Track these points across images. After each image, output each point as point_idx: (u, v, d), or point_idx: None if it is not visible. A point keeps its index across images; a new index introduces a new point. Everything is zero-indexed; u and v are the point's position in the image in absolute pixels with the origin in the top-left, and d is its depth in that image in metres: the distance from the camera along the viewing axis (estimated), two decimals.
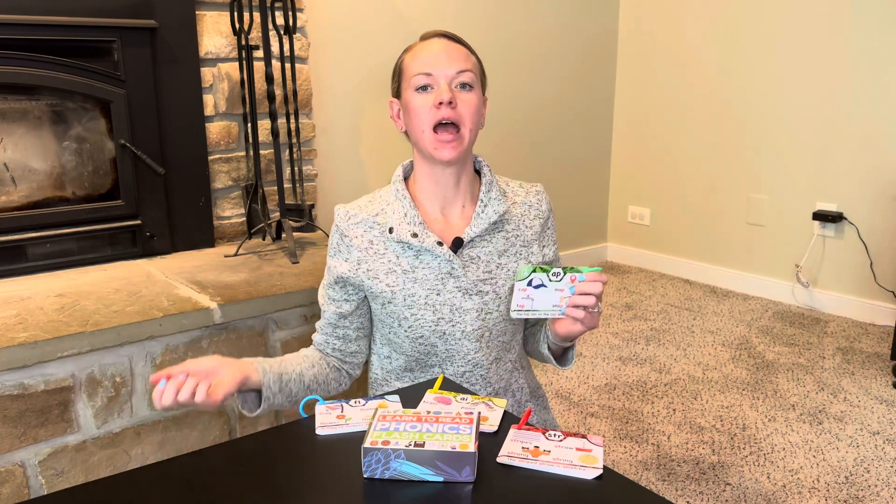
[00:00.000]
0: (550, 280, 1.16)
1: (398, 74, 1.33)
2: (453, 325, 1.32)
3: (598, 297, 1.17)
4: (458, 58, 1.28)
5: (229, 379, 1.18)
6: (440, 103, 1.25)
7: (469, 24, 3.32)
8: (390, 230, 1.31)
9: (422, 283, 1.31)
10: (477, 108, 1.29)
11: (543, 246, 1.40)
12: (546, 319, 1.40)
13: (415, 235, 1.30)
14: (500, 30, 3.46)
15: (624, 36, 3.97)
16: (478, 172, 1.40)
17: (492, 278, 1.33)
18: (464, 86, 1.28)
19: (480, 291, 1.32)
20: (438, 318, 1.32)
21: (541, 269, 1.15)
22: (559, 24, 3.69)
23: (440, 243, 1.30)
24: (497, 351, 1.38)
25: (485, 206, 1.34)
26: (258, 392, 1.28)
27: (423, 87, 1.27)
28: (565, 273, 1.16)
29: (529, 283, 1.15)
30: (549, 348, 1.37)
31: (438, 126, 1.27)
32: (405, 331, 1.34)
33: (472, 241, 1.33)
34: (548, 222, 1.42)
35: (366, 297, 1.38)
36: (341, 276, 1.35)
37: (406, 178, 1.39)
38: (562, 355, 1.40)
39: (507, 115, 3.58)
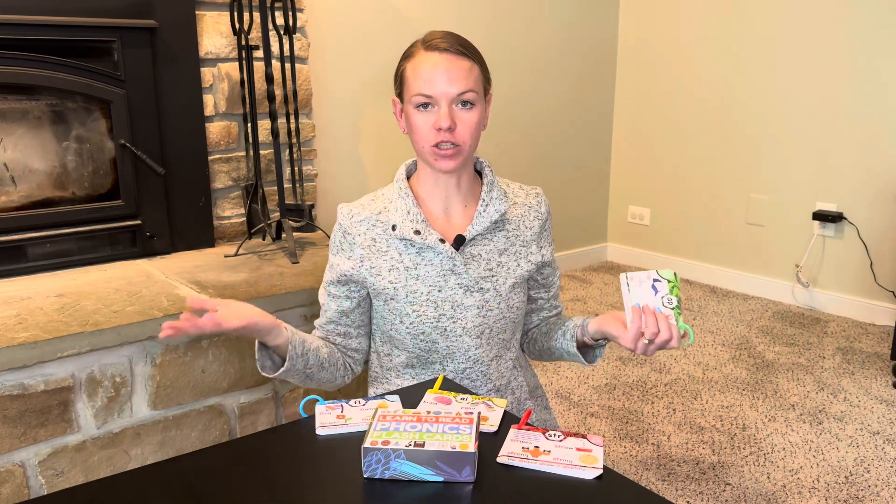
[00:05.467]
0: (660, 297, 1.16)
1: (400, 81, 1.33)
2: (454, 322, 1.33)
3: (654, 339, 1.17)
4: (459, 77, 1.26)
5: (245, 313, 1.18)
6: (440, 129, 1.25)
7: (471, 26, 3.32)
8: (393, 227, 1.33)
9: (424, 280, 1.32)
10: (478, 124, 1.29)
11: (541, 247, 1.42)
12: (571, 320, 1.41)
13: (417, 233, 1.31)
14: (503, 30, 3.46)
15: (624, 37, 3.96)
16: (479, 173, 1.41)
17: (492, 276, 1.34)
18: (465, 104, 1.27)
19: (481, 289, 1.33)
20: (440, 315, 1.33)
21: (675, 287, 1.16)
22: (561, 25, 3.69)
23: (442, 240, 1.31)
24: (497, 348, 1.38)
25: (486, 205, 1.35)
26: (277, 357, 1.31)
27: (424, 105, 1.27)
28: (677, 314, 1.16)
29: (655, 280, 1.17)
30: (578, 344, 1.37)
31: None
32: (406, 327, 1.34)
33: (473, 239, 1.35)
34: (546, 224, 1.43)
35: (367, 294, 1.39)
36: (344, 274, 1.36)
37: (409, 177, 1.40)
38: (587, 352, 1.40)
39: (508, 117, 3.58)
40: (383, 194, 1.39)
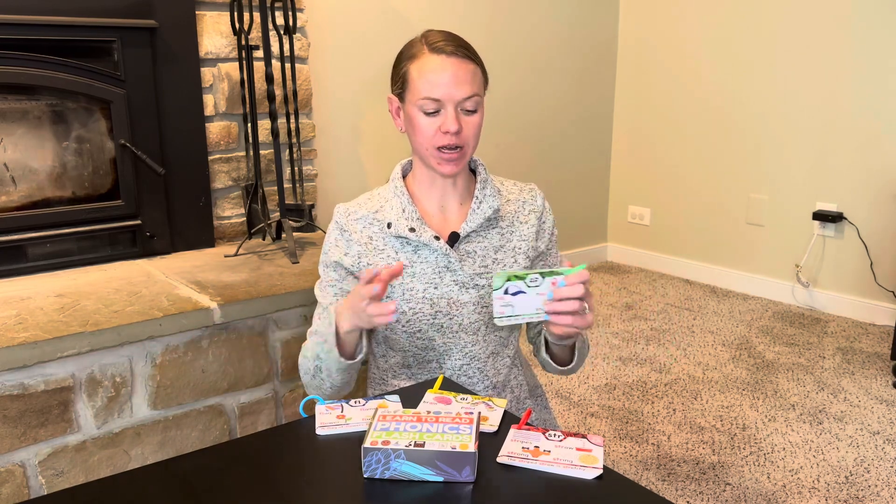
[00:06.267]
0: (529, 286, 1.12)
1: (402, 82, 1.31)
2: (451, 319, 1.34)
3: (583, 299, 1.13)
4: (465, 81, 1.27)
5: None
6: (447, 132, 1.26)
7: (471, 26, 3.32)
8: (388, 225, 1.33)
9: (420, 278, 1.33)
10: (480, 126, 1.31)
11: (538, 239, 1.42)
12: (541, 325, 1.39)
13: (412, 230, 1.32)
14: (503, 30, 3.46)
15: (624, 37, 3.96)
16: (473, 171, 1.42)
17: (488, 272, 1.36)
18: (469, 107, 1.28)
19: (477, 285, 1.34)
20: (436, 312, 1.33)
21: (515, 276, 1.12)
22: (561, 25, 3.69)
23: (437, 238, 1.32)
24: (494, 345, 1.39)
25: (480, 202, 1.36)
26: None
27: (431, 109, 1.28)
28: (544, 277, 1.12)
29: (506, 292, 1.13)
30: (551, 351, 1.36)
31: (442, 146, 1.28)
32: (402, 326, 1.35)
33: (468, 236, 1.36)
34: (543, 215, 1.43)
35: None
36: (340, 263, 1.36)
37: (405, 176, 1.41)
38: (568, 355, 1.39)
39: (509, 117, 3.58)
40: (379, 193, 1.40)
